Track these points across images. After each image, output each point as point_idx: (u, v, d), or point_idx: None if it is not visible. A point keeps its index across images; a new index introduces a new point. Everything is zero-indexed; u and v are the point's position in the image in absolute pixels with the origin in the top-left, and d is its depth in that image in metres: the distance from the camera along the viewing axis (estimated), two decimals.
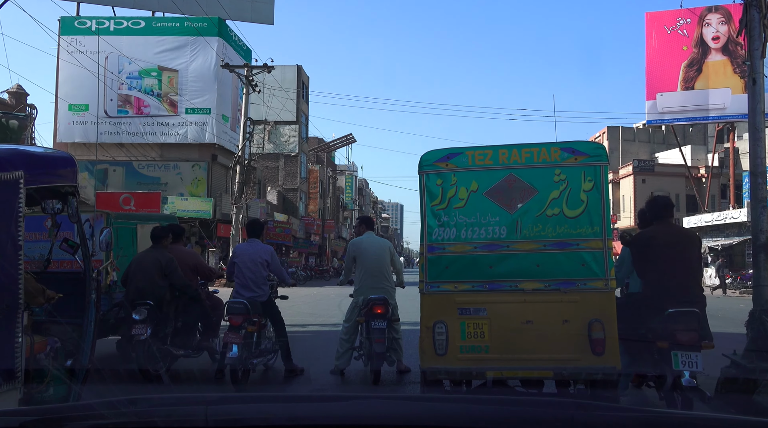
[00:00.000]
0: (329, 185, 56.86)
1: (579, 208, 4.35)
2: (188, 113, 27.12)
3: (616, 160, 46.91)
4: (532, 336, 4.28)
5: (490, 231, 4.43)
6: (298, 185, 44.98)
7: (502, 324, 4.32)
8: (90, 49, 26.80)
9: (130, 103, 27.37)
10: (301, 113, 45.57)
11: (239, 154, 25.19)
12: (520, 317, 4.32)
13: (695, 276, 4.95)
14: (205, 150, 27.58)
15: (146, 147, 27.36)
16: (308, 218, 45.73)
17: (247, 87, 25.49)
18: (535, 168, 4.42)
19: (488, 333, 4.31)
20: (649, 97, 30.19)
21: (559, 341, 4.26)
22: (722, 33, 28.65)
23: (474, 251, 4.44)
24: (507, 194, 4.43)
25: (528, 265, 4.39)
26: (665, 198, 5.19)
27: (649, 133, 49.04)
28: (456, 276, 4.44)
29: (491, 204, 4.44)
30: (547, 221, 4.38)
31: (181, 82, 27.19)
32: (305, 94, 47.71)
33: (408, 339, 7.00)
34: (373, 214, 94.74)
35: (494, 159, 4.49)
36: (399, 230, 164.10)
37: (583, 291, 4.30)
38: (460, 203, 4.47)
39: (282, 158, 44.78)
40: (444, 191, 4.48)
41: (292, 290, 9.18)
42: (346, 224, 68.07)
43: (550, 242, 4.36)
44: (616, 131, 47.93)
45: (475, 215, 4.45)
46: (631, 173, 42.33)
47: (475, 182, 4.46)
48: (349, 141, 63.00)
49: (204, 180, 27.12)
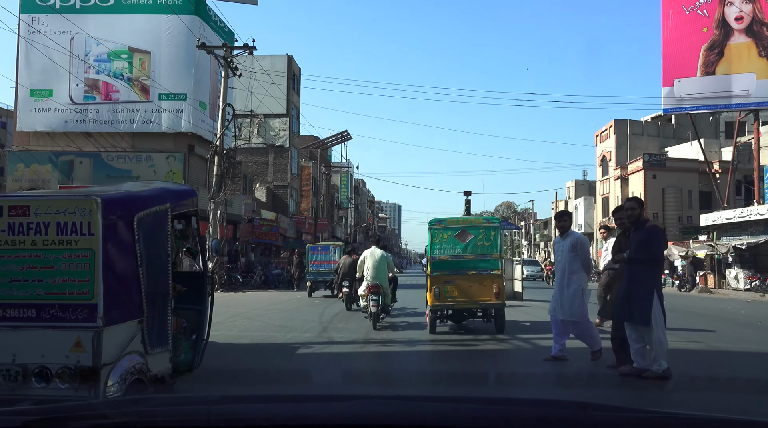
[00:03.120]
0: (323, 183, 54.40)
1: (490, 242, 10.07)
2: (162, 98, 24.63)
3: (624, 155, 44.51)
4: (471, 291, 9.90)
5: (456, 251, 10.09)
6: (289, 181, 42.51)
7: (460, 287, 9.91)
8: (54, 28, 24.30)
9: (97, 89, 24.88)
10: (291, 105, 43.12)
11: (217, 143, 22.81)
12: (467, 284, 9.94)
13: None
14: (181, 140, 25.09)
15: (116, 137, 24.88)
16: (299, 217, 43.26)
17: (226, 70, 23.01)
18: (473, 226, 10.36)
19: (455, 291, 9.89)
20: (666, 84, 27.78)
21: (481, 293, 9.84)
22: (746, 13, 26.26)
23: (449, 258, 10.12)
24: (462, 236, 10.09)
25: (471, 265, 10.02)
26: None
27: (658, 126, 46.66)
28: (442, 268, 10.09)
29: (456, 240, 10.08)
30: (478, 247, 10.05)
31: (154, 65, 24.70)
32: (296, 85, 45.26)
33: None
34: (369, 213, 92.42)
35: (457, 223, 10.68)
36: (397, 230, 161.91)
37: (491, 274, 9.96)
38: (444, 239, 10.13)
39: (272, 152, 42.30)
40: (437, 234, 10.19)
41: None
42: (341, 224, 65.59)
43: (479, 255, 10.04)
44: (623, 124, 45.52)
45: (450, 245, 10.12)
46: (642, 168, 39.95)
47: (450, 232, 10.16)
48: (344, 138, 60.83)
49: (180, 173, 24.62)
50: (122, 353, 4.12)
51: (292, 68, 43.55)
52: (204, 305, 5.74)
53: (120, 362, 4.06)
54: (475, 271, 9.87)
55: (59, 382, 3.81)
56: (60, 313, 3.93)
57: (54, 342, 3.89)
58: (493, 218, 12.51)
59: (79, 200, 4.06)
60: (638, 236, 6.15)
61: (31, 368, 3.83)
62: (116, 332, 4.08)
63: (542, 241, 78.71)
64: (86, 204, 3.99)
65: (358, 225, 76.40)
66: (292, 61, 43.62)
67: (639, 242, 6.10)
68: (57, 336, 3.90)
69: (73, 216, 3.97)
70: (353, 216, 74.86)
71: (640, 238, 6.11)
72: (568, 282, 7.24)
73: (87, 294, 3.92)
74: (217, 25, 26.72)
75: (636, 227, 6.22)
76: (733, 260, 27.68)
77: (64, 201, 4.08)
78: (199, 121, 25.19)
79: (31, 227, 4.00)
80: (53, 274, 3.96)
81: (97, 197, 4.07)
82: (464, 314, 10.14)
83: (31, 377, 3.82)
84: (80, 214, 3.97)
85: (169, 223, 4.92)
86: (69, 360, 3.84)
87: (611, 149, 45.53)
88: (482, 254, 9.94)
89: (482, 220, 11.63)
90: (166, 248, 4.85)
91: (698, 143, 30.76)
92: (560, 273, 7.43)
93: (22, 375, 3.82)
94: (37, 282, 3.99)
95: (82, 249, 3.95)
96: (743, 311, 16.11)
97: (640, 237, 6.12)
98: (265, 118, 42.16)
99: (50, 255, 3.98)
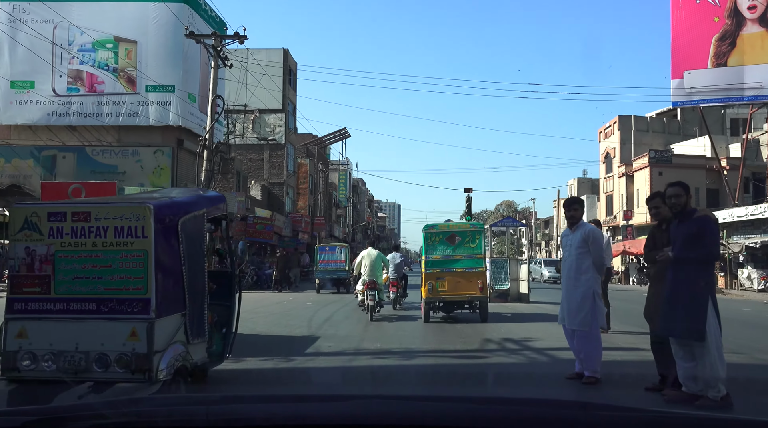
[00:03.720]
0: (320, 181, 53.31)
1: (475, 244, 11.74)
2: (149, 90, 23.50)
3: (629, 152, 43.40)
4: (459, 286, 11.41)
5: (446, 252, 11.76)
6: (285, 179, 41.39)
7: (449, 283, 11.42)
8: (36, 17, 23.20)
9: (81, 80, 23.75)
10: (287, 100, 41.99)
11: (206, 136, 21.69)
12: (455, 280, 11.44)
13: None
14: (169, 134, 23.97)
15: (101, 130, 23.75)
16: (295, 215, 42.13)
17: (216, 60, 21.85)
18: (461, 231, 12.06)
19: (445, 286, 11.40)
20: (675, 76, 26.68)
21: (468, 288, 11.36)
22: (760, 1, 25.17)
23: (440, 258, 11.79)
24: (451, 239, 11.77)
25: (459, 263, 11.68)
26: None
27: (663, 122, 45.57)
28: (434, 266, 11.70)
29: (446, 243, 11.76)
30: (464, 248, 11.72)
31: (140, 55, 23.57)
32: (293, 80, 44.13)
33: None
34: (368, 212, 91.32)
35: (447, 228, 12.22)
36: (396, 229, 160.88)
37: (476, 271, 11.56)
38: (436, 242, 11.80)
39: (267, 149, 41.16)
40: (430, 237, 11.89)
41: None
42: (340, 223, 64.49)
43: (466, 255, 11.68)
44: (628, 120, 44.40)
45: (441, 246, 11.78)
46: (647, 165, 38.85)
47: (441, 235, 11.84)
48: (342, 136, 59.88)
49: (168, 168, 23.52)
50: (170, 342, 4.58)
51: (288, 63, 42.41)
52: (232, 302, 6.27)
53: (168, 350, 4.51)
54: (463, 269, 11.66)
55: (117, 367, 4.28)
56: (117, 306, 4.41)
57: (112, 332, 4.36)
58: (479, 223, 14.04)
59: (135, 207, 4.53)
60: (686, 230, 4.97)
61: (92, 355, 4.31)
62: (165, 323, 4.54)
63: (543, 240, 77.57)
64: (141, 210, 4.47)
65: (357, 224, 75.27)
66: (288, 55, 42.50)
67: (688, 237, 4.95)
68: (115, 326, 4.38)
69: (129, 221, 4.45)
70: (352, 215, 73.76)
71: (689, 232, 4.96)
72: (576, 284, 6.15)
73: (141, 290, 4.39)
74: (207, 14, 25.58)
75: (682, 219, 5.09)
76: (745, 260, 26.62)
77: (122, 208, 4.57)
78: (188, 114, 24.05)
79: (92, 231, 4.48)
80: (111, 272, 4.44)
81: (150, 204, 4.55)
82: (453, 306, 11.80)
83: (92, 363, 4.30)
84: (135, 219, 4.45)
85: (205, 226, 5.48)
86: (126, 348, 4.30)
87: (615, 146, 44.43)
88: (468, 254, 11.78)
89: (468, 225, 13.41)
90: (203, 249, 5.38)
91: (708, 137, 29.67)
92: (567, 272, 6.33)
93: (84, 361, 4.31)
94: (97, 279, 4.47)
95: (137, 250, 4.42)
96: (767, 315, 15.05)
97: (689, 231, 4.95)
98: (260, 113, 41.06)
99: (109, 255, 4.45)
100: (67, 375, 4.26)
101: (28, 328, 4.41)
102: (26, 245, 4.49)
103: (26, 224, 4.49)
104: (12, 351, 4.36)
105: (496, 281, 15.74)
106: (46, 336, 4.39)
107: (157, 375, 4.30)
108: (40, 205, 5.04)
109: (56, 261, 4.46)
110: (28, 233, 4.49)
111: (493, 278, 15.75)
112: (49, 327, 4.42)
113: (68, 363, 4.29)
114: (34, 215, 4.49)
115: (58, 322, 4.44)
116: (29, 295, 4.47)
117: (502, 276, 15.75)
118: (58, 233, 4.47)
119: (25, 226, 4.49)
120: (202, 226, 5.34)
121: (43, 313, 4.45)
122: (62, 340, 4.36)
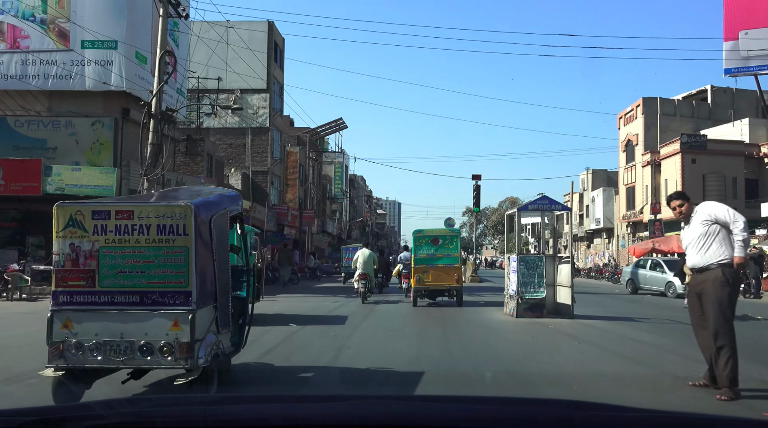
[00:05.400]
0: (311, 171, 48.82)
1: (453, 245, 15.01)
2: (86, 47, 19.02)
3: (653, 138, 38.84)
4: (440, 278, 14.54)
5: (431, 251, 14.92)
6: (269, 166, 36.89)
7: (433, 275, 14.55)
8: None
9: (1, 34, 19.26)
10: (273, 79, 37.48)
11: (152, 101, 17.22)
12: (437, 273, 14.57)
13: None
14: (112, 102, 19.49)
15: (27, 97, 19.31)
16: (281, 207, 37.62)
17: (166, 6, 17.49)
18: (442, 235, 15.43)
19: (430, 277, 14.53)
20: (729, 37, 22.12)
21: (447, 279, 14.52)
22: None
23: (425, 256, 14.89)
24: (435, 241, 15.04)
25: (441, 261, 14.79)
26: None
27: (692, 106, 40.99)
28: (421, 263, 14.76)
29: (431, 244, 15.00)
30: (445, 249, 14.94)
31: (75, 3, 19.08)
32: (279, 58, 39.62)
33: None
34: (367, 208, 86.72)
35: (432, 232, 15.55)
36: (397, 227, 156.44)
37: (453, 266, 14.81)
38: (423, 243, 15.01)
39: (249, 133, 36.66)
40: (420, 240, 15.13)
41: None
42: (335, 218, 59.98)
43: (445, 254, 14.85)
44: (653, 103, 39.84)
45: (426, 247, 14.98)
46: (678, 151, 34.31)
47: (427, 238, 15.14)
48: (339, 126, 55.59)
49: (109, 144, 19.08)
50: (206, 332, 4.99)
51: (274, 37, 37.88)
52: (248, 295, 6.61)
53: (205, 339, 4.92)
54: (443, 265, 14.76)
55: (160, 355, 4.64)
56: (160, 299, 4.79)
57: (156, 322, 4.73)
58: (456, 229, 18.62)
59: (177, 207, 4.94)
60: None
61: (136, 344, 4.67)
62: (203, 314, 4.95)
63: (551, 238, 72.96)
64: (183, 210, 4.88)
65: (353, 220, 70.65)
66: (274, 28, 37.96)
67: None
68: (158, 317, 4.76)
69: (171, 219, 4.88)
70: (348, 211, 69.20)
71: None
72: None
73: (183, 283, 4.80)
74: None
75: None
76: None
77: (164, 207, 4.98)
78: (136, 77, 19.52)
79: (135, 228, 4.86)
80: (154, 267, 4.83)
81: (191, 203, 4.96)
82: (436, 293, 14.96)
83: (137, 351, 4.66)
84: (177, 217, 4.87)
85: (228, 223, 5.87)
86: (169, 338, 4.66)
87: (638, 132, 39.89)
88: (447, 253, 14.89)
89: (448, 231, 16.44)
90: (228, 245, 5.83)
91: (763, 106, 25.00)
92: None
93: (130, 349, 4.67)
94: (140, 273, 4.84)
95: (179, 246, 4.84)
96: None
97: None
98: (242, 93, 36.54)
99: (151, 251, 4.84)
100: (113, 362, 4.64)
101: (74, 319, 4.72)
102: (71, 241, 4.79)
103: (71, 221, 4.80)
104: (58, 341, 4.67)
105: (527, 287, 11.23)
106: (92, 326, 4.70)
107: (197, 361, 4.65)
108: (84, 204, 4.99)
109: (100, 257, 4.79)
110: (72, 230, 4.80)
111: (522, 284, 11.25)
112: (94, 318, 4.74)
113: (114, 352, 4.64)
114: (79, 213, 4.80)
115: (103, 313, 4.75)
116: (74, 288, 4.78)
117: (534, 281, 11.23)
118: (102, 230, 4.82)
119: (69, 223, 4.80)
120: (227, 223, 5.77)
121: (89, 305, 4.76)
122: (107, 331, 4.68)
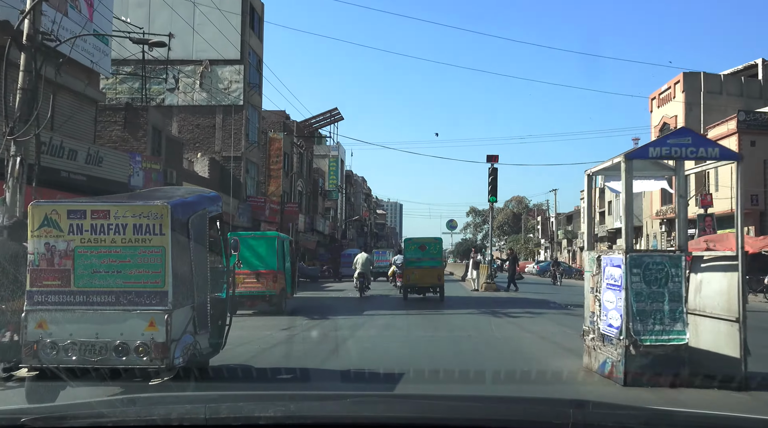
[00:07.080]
0: (301, 161, 43.01)
1: (436, 250, 20.24)
2: None
3: (696, 119, 32.93)
4: (426, 277, 19.50)
5: (420, 255, 19.76)
6: (243, 151, 31.08)
7: (420, 274, 19.51)
8: None
9: None
10: (248, 48, 31.69)
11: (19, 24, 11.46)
12: (423, 273, 19.49)
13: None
14: None
15: None
16: (256, 200, 31.80)
17: None
18: (428, 242, 20.52)
19: (418, 276, 19.51)
20: None
21: (431, 278, 19.49)
22: None
23: (414, 259, 19.69)
24: (422, 247, 20.16)
25: (427, 263, 19.58)
26: None
27: (741, 83, 35.10)
28: (411, 264, 19.66)
29: (419, 249, 20.03)
30: (429, 253, 19.90)
31: None
32: (257, 26, 33.85)
33: None
34: (365, 207, 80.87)
35: (420, 240, 20.96)
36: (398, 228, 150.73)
37: (437, 267, 19.89)
38: (413, 248, 20.25)
39: (220, 111, 30.89)
40: (410, 246, 20.62)
41: None
42: (327, 216, 54.15)
43: (430, 257, 19.77)
44: (695, 79, 33.97)
45: (415, 251, 20.02)
46: (735, 130, 28.43)
47: (416, 244, 20.47)
48: (334, 118, 50.03)
49: None
50: (183, 332, 5.16)
51: (250, 1, 32.07)
52: (226, 296, 6.67)
53: (182, 339, 5.10)
54: (428, 266, 19.23)
55: (136, 355, 4.81)
56: (136, 299, 4.97)
57: (131, 323, 4.93)
58: (438, 238, 21.36)
59: (153, 207, 5.06)
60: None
61: (111, 344, 4.87)
62: (180, 314, 5.14)
63: (565, 239, 66.65)
64: (159, 210, 5.01)
65: (349, 219, 64.69)
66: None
67: None
68: (134, 317, 4.95)
69: (147, 219, 4.97)
70: (344, 208, 63.34)
71: None
72: None
73: (159, 283, 4.96)
74: None
75: None
76: None
77: (140, 207, 5.10)
78: None
79: (111, 228, 4.98)
80: (130, 267, 4.98)
81: (168, 203, 5.09)
82: (422, 289, 19.59)
83: (112, 351, 4.84)
84: (153, 217, 4.97)
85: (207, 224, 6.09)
86: (144, 338, 4.87)
87: (678, 113, 34.01)
88: (432, 257, 19.52)
89: (432, 239, 20.86)
90: (206, 245, 6.01)
91: None
92: None
93: (105, 349, 4.86)
94: (116, 273, 5.00)
95: (155, 246, 4.97)
96: None
97: None
98: (211, 65, 30.76)
99: (127, 251, 4.98)
100: (88, 362, 4.75)
101: (48, 319, 4.89)
102: (46, 240, 4.88)
103: (46, 220, 4.87)
104: (32, 341, 4.82)
105: (648, 321, 5.22)
106: (67, 326, 4.88)
107: (173, 361, 4.83)
108: (60, 203, 5.10)
109: (76, 256, 4.91)
110: (47, 230, 4.88)
111: (638, 314, 5.34)
112: (69, 318, 4.92)
113: (89, 351, 4.79)
114: (54, 213, 4.89)
115: (78, 313, 4.93)
116: (49, 288, 4.89)
117: (664, 308, 5.10)
118: (78, 229, 4.92)
119: (44, 223, 4.86)
120: (206, 224, 5.96)
121: (63, 305, 4.92)
122: (82, 331, 4.88)
